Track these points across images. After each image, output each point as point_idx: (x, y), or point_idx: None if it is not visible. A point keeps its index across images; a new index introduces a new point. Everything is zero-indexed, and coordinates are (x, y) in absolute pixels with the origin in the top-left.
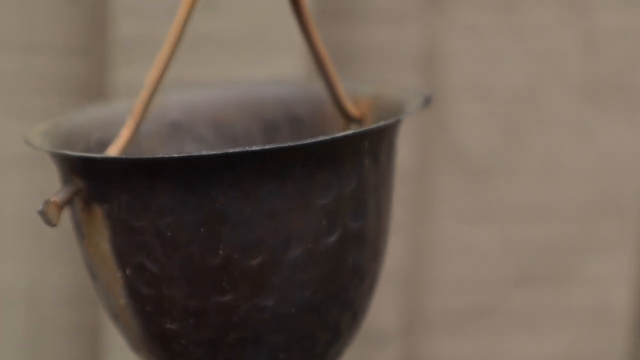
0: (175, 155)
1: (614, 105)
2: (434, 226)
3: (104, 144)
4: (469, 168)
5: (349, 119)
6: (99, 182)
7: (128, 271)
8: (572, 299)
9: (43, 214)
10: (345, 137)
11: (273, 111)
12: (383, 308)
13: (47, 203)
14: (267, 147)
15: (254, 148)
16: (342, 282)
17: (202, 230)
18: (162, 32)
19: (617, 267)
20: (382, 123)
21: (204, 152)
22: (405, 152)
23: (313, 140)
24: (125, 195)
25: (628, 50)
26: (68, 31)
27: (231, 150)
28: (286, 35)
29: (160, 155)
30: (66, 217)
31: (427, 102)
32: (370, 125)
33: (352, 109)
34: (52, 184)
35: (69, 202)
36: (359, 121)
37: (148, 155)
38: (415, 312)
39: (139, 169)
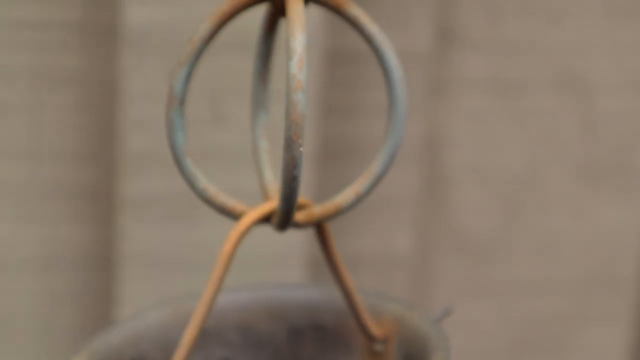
0: None
1: (609, 185)
2: (434, 302)
3: None
4: (468, 247)
5: (371, 339)
6: None
7: None
8: None
9: None
10: None
11: (297, 316)
12: None
13: None
14: None
15: None
16: None
17: None
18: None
19: (612, 338)
20: None
21: None
22: (406, 233)
23: None
24: None
25: (624, 133)
26: (77, 139)
27: None
28: None
29: None
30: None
31: (447, 314)
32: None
33: (376, 330)
34: (60, 284)
35: None
36: (382, 341)
37: None
38: None
39: None
